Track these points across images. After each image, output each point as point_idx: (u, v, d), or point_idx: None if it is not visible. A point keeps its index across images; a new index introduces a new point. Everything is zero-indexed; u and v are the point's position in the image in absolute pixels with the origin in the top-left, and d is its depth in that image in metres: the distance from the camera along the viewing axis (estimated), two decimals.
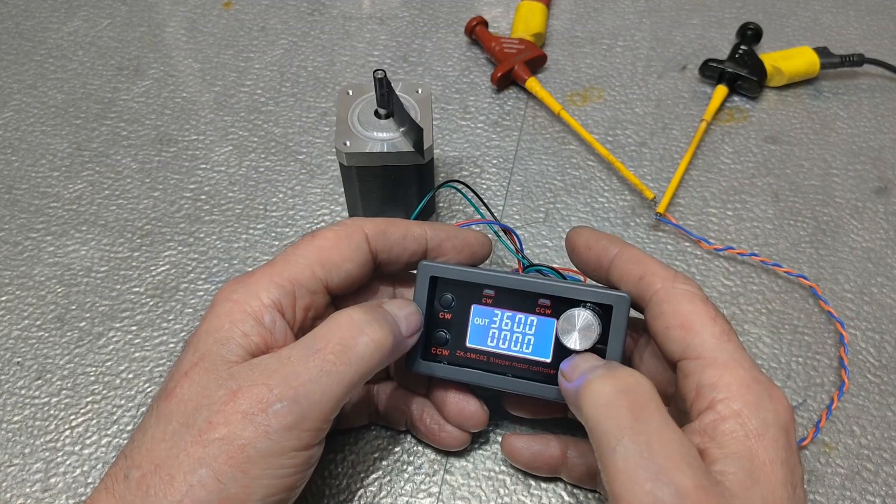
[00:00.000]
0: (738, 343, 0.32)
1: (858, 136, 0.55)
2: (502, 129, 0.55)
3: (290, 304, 0.33)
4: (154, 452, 0.30)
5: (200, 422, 0.30)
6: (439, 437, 0.38)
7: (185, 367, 0.32)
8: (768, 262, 0.47)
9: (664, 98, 0.58)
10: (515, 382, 0.36)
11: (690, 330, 0.32)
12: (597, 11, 0.65)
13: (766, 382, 0.30)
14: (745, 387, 0.30)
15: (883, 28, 0.63)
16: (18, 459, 0.40)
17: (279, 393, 0.30)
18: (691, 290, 0.33)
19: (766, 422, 0.29)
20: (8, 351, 0.44)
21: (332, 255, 0.34)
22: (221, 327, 0.32)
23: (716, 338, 0.31)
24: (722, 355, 0.31)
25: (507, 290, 0.36)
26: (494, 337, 0.36)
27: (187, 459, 0.29)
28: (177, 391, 0.31)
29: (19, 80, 0.59)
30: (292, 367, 0.31)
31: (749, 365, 0.31)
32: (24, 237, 0.49)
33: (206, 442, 0.29)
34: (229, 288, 0.34)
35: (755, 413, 0.29)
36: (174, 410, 0.30)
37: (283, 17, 0.64)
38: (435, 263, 0.36)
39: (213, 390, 0.30)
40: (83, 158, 0.53)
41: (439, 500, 0.39)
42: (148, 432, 0.30)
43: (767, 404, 0.30)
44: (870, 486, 0.39)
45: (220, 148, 0.54)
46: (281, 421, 0.30)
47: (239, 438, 0.29)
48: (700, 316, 0.32)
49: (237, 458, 0.29)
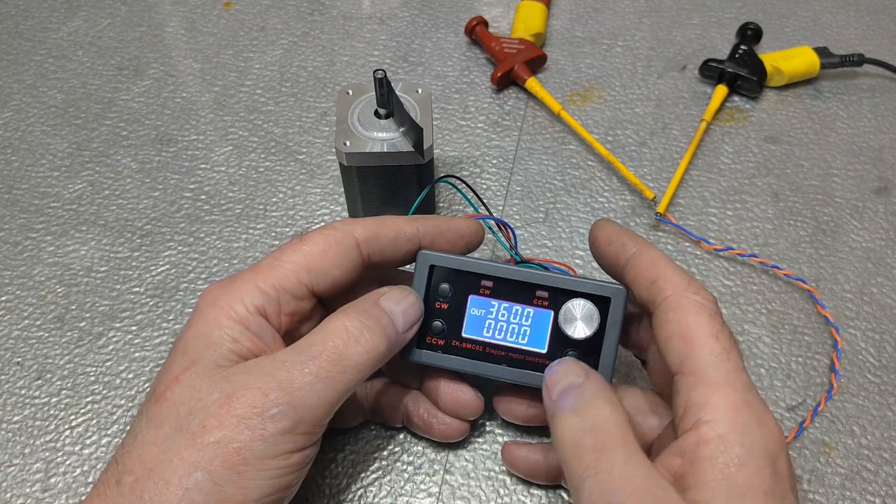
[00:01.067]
0: (738, 363, 0.30)
1: (858, 136, 0.55)
2: (502, 129, 0.55)
3: (276, 310, 0.33)
4: (146, 457, 0.30)
5: (194, 425, 0.30)
6: (437, 429, 0.38)
7: (174, 371, 0.31)
8: (768, 263, 0.47)
9: (664, 98, 0.58)
10: (510, 371, 0.36)
11: (689, 344, 0.31)
12: (597, 11, 0.65)
13: (759, 407, 0.29)
14: (734, 410, 0.29)
15: (883, 28, 0.63)
16: (18, 459, 0.40)
17: (275, 398, 0.30)
18: (701, 301, 0.32)
19: (750, 449, 0.28)
20: (8, 351, 0.44)
21: (319, 261, 0.34)
22: (211, 333, 0.32)
23: (714, 355, 0.30)
24: (716, 374, 0.30)
25: (504, 281, 0.36)
26: (490, 327, 0.36)
27: (181, 463, 0.29)
28: (167, 395, 0.31)
29: (19, 80, 0.59)
30: (287, 372, 0.31)
31: (743, 387, 0.30)
32: (24, 237, 0.49)
33: (200, 445, 0.29)
34: (213, 293, 0.33)
35: (740, 439, 0.28)
36: (166, 414, 0.30)
37: (283, 17, 0.64)
38: (434, 253, 0.37)
39: (207, 394, 0.30)
40: (83, 158, 0.53)
41: (439, 500, 0.39)
42: (139, 437, 0.30)
43: (755, 431, 0.29)
44: (870, 486, 0.39)
45: (220, 148, 0.54)
46: (277, 425, 0.30)
47: (234, 442, 0.29)
48: (702, 330, 0.31)
49: (233, 460, 0.29)
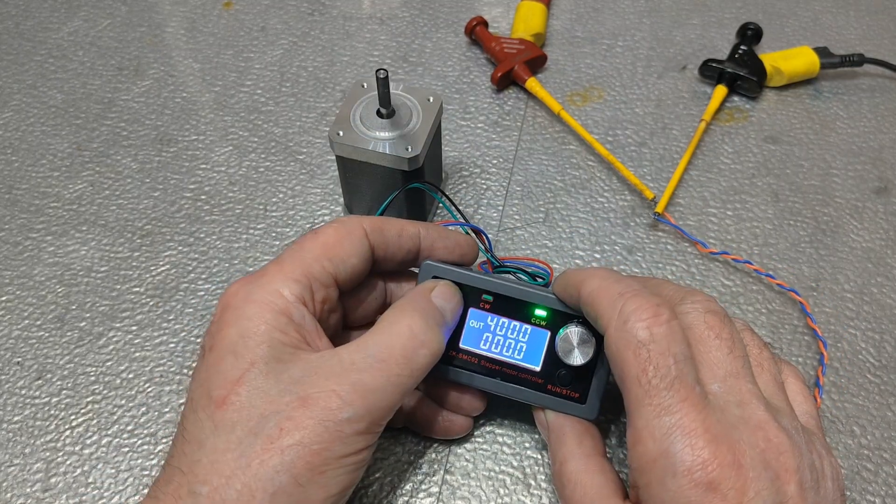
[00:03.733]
0: (662, 403, 0.28)
1: (858, 136, 0.55)
2: (502, 129, 0.55)
3: (311, 297, 0.34)
4: (220, 464, 0.29)
5: (270, 428, 0.29)
6: (442, 427, 0.39)
7: (232, 373, 0.31)
8: (762, 271, 0.47)
9: (664, 98, 0.58)
10: (503, 386, 0.37)
11: (623, 383, 0.30)
12: (597, 11, 0.65)
13: (679, 453, 0.28)
14: (652, 462, 0.28)
15: (883, 28, 0.63)
16: (19, 459, 0.40)
17: (350, 401, 0.30)
18: (629, 330, 0.30)
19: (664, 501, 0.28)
20: (8, 351, 0.44)
21: (337, 250, 0.35)
22: (258, 329, 0.32)
23: (637, 399, 0.29)
24: (639, 421, 0.29)
25: (505, 298, 0.37)
26: (488, 340, 0.37)
27: (262, 467, 0.29)
28: (232, 399, 0.30)
29: (19, 80, 0.59)
30: (358, 374, 0.31)
31: (663, 434, 0.28)
32: (24, 237, 0.49)
33: (280, 448, 0.29)
34: (244, 289, 0.33)
35: (659, 493, 0.28)
36: (235, 419, 0.30)
37: (283, 17, 0.64)
38: (438, 264, 0.37)
39: (277, 396, 0.30)
40: (83, 158, 0.53)
41: (439, 500, 0.39)
42: (206, 443, 0.30)
43: (672, 482, 0.28)
44: (870, 486, 0.39)
45: (220, 148, 0.54)
46: (353, 427, 0.30)
47: (314, 443, 0.29)
48: (629, 370, 0.29)
49: (314, 461, 0.29)
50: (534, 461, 0.40)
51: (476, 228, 0.42)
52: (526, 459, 0.40)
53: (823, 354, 0.43)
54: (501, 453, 0.40)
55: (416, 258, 0.38)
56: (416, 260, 0.38)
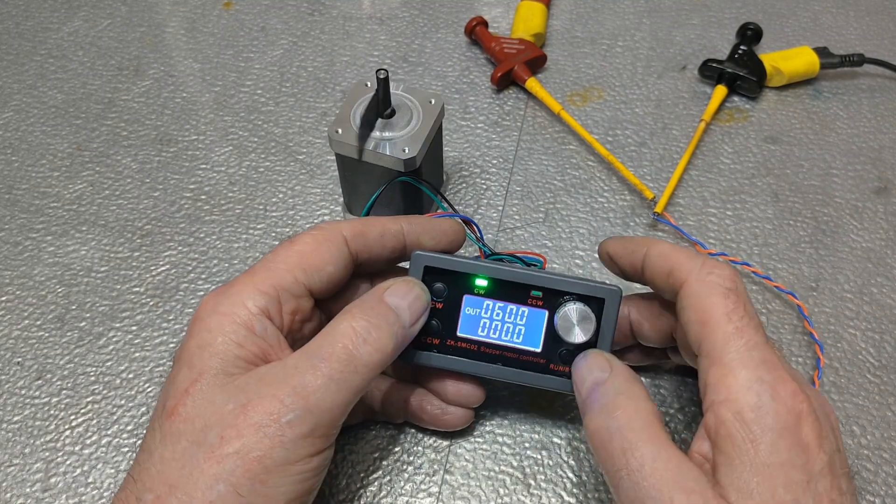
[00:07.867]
0: (752, 339, 0.31)
1: (858, 136, 0.55)
2: (502, 129, 0.55)
3: (277, 310, 0.33)
4: (166, 473, 0.29)
5: (212, 438, 0.30)
6: (443, 420, 0.39)
7: (183, 384, 0.31)
8: (760, 273, 0.47)
9: (664, 98, 0.58)
10: (505, 371, 0.37)
11: (706, 326, 0.32)
12: (597, 11, 0.65)
13: (772, 382, 0.30)
14: (746, 389, 0.30)
15: (883, 28, 0.63)
16: (18, 459, 0.40)
17: (290, 403, 0.30)
18: (715, 280, 0.32)
19: (764, 426, 0.29)
20: (8, 351, 0.44)
21: (312, 259, 0.34)
22: (214, 341, 0.32)
23: (726, 335, 0.31)
24: (728, 355, 0.31)
25: (499, 281, 0.36)
26: (485, 326, 0.37)
27: (202, 477, 0.29)
28: (179, 409, 0.31)
29: (19, 80, 0.59)
30: (300, 377, 0.31)
31: (755, 364, 0.30)
32: (24, 237, 0.49)
33: (220, 457, 0.29)
34: (213, 300, 0.33)
35: (754, 417, 0.29)
36: (181, 429, 0.30)
37: (283, 17, 0.64)
38: (428, 253, 0.37)
39: (221, 405, 0.30)
40: (83, 158, 0.54)
41: (439, 500, 0.39)
42: (154, 453, 0.30)
43: (769, 406, 0.29)
44: (870, 486, 0.39)
45: (220, 148, 0.54)
46: (295, 430, 0.30)
47: (254, 451, 0.29)
48: (716, 311, 0.32)
49: (254, 469, 0.29)
50: (534, 461, 0.40)
51: (465, 218, 0.42)
52: (526, 459, 0.40)
53: (820, 359, 0.43)
54: (501, 453, 0.40)
55: (403, 254, 0.37)
56: (404, 256, 0.38)
